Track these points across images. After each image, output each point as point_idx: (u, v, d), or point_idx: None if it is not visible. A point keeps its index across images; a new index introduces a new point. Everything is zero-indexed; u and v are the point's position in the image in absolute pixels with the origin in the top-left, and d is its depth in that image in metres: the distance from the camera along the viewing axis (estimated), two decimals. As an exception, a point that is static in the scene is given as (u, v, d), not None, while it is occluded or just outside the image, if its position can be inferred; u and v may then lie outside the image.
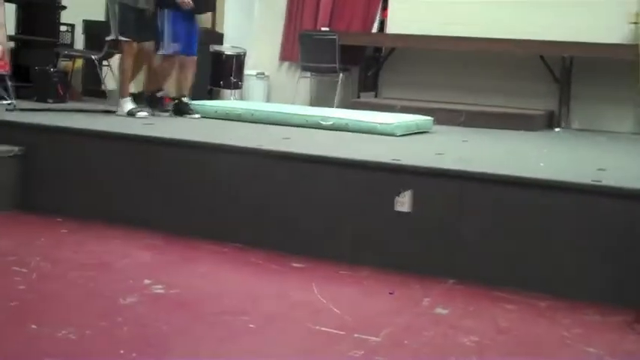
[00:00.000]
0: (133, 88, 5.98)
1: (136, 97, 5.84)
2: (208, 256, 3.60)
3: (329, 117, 5.60)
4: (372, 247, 3.53)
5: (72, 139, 4.39)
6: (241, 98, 8.40)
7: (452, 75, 8.33)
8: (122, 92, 5.72)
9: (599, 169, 3.75)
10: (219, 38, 8.38)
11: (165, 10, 5.68)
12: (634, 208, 3.10)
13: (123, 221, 3.99)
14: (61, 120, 4.79)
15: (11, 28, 6.91)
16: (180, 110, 5.88)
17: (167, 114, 5.91)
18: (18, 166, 4.31)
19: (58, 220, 4.09)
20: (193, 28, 5.93)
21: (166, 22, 5.68)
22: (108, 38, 5.75)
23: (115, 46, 6.27)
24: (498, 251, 3.30)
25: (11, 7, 6.90)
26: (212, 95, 8.16)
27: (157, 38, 5.72)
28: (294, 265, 3.48)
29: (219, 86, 8.18)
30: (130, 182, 4.13)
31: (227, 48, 8.29)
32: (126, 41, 5.55)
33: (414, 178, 3.48)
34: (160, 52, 5.80)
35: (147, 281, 3.09)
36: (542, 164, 4.00)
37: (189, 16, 5.80)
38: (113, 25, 5.57)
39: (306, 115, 5.66)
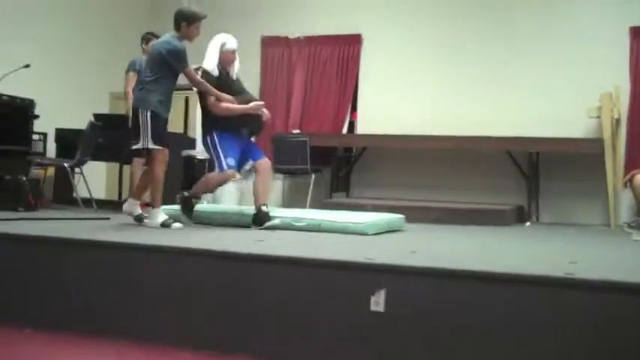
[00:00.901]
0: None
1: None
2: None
3: (302, 218, 5.62)
4: (349, 349, 3.48)
5: (55, 249, 4.31)
6: (214, 201, 8.42)
7: (422, 173, 8.48)
8: (155, 202, 5.52)
9: (571, 262, 3.78)
10: (191, 143, 8.47)
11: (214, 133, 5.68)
12: (607, 300, 3.10)
13: (94, 331, 3.92)
14: (35, 229, 4.74)
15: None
16: (261, 220, 5.65)
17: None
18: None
19: (27, 331, 3.97)
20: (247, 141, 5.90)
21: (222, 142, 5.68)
22: (135, 147, 5.51)
23: (137, 154, 6.32)
24: (471, 347, 3.27)
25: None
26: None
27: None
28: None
29: (192, 190, 8.18)
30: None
31: (198, 152, 8.36)
32: (159, 149, 5.46)
33: (387, 276, 3.46)
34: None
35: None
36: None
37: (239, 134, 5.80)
38: (143, 134, 5.41)
39: (279, 217, 5.66)
